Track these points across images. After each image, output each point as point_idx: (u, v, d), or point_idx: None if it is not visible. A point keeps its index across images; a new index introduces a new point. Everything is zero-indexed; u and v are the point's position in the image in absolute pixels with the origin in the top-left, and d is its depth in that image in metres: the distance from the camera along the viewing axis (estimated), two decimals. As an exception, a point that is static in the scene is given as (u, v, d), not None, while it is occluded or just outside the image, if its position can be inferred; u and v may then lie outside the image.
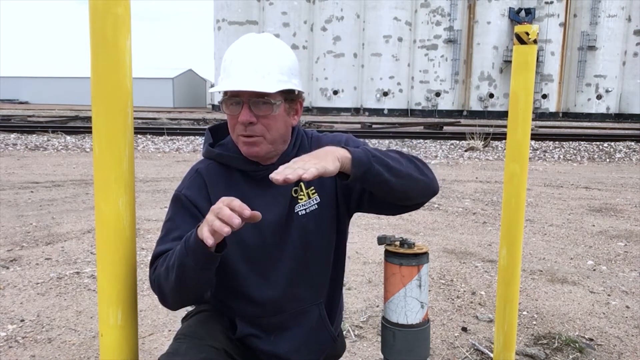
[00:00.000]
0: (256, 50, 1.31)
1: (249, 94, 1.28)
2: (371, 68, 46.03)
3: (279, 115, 1.32)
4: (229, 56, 1.33)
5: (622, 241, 4.71)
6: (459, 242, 4.61)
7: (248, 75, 1.28)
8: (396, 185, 1.23)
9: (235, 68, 1.30)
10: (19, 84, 69.74)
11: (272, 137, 1.34)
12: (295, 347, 1.44)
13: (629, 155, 12.30)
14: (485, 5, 44.54)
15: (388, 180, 1.21)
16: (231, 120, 1.34)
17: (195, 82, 72.59)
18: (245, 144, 1.33)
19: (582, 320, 2.95)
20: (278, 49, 1.33)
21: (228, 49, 1.36)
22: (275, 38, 1.37)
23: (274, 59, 1.31)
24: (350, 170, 1.17)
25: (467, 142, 13.58)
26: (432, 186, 1.32)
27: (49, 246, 4.24)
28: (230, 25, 47.24)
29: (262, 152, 1.35)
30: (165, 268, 1.24)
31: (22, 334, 2.66)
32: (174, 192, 1.41)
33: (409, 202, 1.33)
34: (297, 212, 1.40)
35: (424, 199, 1.35)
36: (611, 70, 44.00)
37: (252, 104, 1.29)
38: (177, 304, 1.33)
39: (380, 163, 1.20)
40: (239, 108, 1.30)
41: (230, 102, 1.31)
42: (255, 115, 1.30)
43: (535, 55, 1.58)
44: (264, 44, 1.32)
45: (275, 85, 1.29)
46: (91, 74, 1.14)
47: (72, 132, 15.11)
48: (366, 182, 1.21)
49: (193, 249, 1.15)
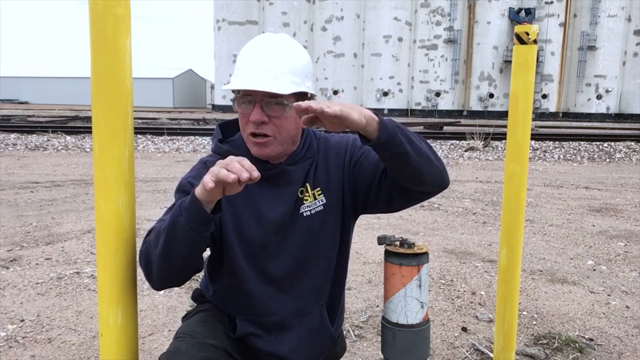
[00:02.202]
0: (271, 50, 1.30)
1: (261, 93, 1.27)
2: (371, 68, 46.03)
3: (291, 116, 1.31)
4: (244, 54, 1.32)
5: (622, 241, 4.71)
6: (459, 242, 4.61)
7: (262, 75, 1.27)
8: (414, 161, 1.21)
9: (249, 67, 1.29)
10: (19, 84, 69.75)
11: (283, 138, 1.33)
12: (295, 347, 1.44)
13: (629, 155, 12.30)
14: (485, 5, 44.54)
15: (408, 154, 1.19)
16: (242, 119, 1.33)
17: (195, 82, 72.61)
18: (256, 144, 1.33)
19: (582, 320, 2.94)
20: (293, 50, 1.33)
21: (244, 47, 1.34)
22: (291, 38, 1.36)
23: (289, 59, 1.30)
24: (377, 133, 1.15)
25: (467, 142, 13.58)
26: (444, 176, 1.30)
27: (49, 246, 4.24)
28: (230, 25, 47.26)
29: (273, 152, 1.34)
30: (156, 234, 1.21)
31: (22, 334, 2.66)
32: (180, 179, 1.40)
33: (420, 186, 1.29)
34: (302, 213, 1.40)
35: (433, 188, 1.31)
36: (611, 70, 43.99)
37: (265, 104, 1.28)
38: (162, 279, 1.25)
39: (404, 135, 1.19)
40: (250, 107, 1.29)
41: (242, 100, 1.30)
42: (267, 115, 1.29)
43: (535, 55, 1.58)
44: (280, 44, 1.31)
45: (289, 86, 1.28)
46: (91, 74, 1.14)
47: (72, 132, 15.11)
48: (387, 151, 1.18)
49: (187, 206, 1.13)
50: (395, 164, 1.23)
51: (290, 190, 1.39)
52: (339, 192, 1.43)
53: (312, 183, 1.42)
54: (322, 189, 1.42)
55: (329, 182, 1.43)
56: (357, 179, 1.41)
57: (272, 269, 1.40)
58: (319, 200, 1.41)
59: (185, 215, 1.13)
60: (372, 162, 1.38)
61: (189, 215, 1.13)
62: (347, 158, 1.44)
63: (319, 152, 1.45)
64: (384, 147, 1.17)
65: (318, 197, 1.42)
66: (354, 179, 1.42)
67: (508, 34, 44.07)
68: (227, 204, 1.37)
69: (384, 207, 1.40)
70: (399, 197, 1.34)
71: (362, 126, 1.13)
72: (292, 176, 1.39)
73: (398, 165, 1.23)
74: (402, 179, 1.27)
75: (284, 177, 1.39)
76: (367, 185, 1.39)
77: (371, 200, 1.40)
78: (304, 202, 1.40)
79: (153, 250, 1.20)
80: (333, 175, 1.43)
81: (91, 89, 1.14)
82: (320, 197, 1.42)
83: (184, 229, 1.14)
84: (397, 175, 1.27)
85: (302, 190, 1.41)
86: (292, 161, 1.39)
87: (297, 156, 1.40)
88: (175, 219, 1.14)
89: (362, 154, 1.42)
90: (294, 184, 1.40)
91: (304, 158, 1.42)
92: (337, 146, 1.46)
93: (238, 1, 46.98)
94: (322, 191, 1.42)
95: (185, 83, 69.47)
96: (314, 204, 1.41)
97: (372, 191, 1.38)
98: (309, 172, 1.42)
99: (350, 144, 1.45)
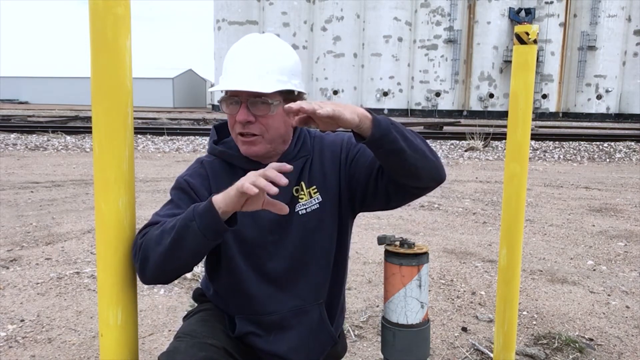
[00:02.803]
0: (256, 50, 1.31)
1: (246, 93, 1.29)
2: (371, 68, 46.03)
3: (277, 115, 1.32)
4: (230, 55, 1.34)
5: (622, 241, 4.71)
6: (459, 242, 4.61)
7: (246, 75, 1.28)
8: (409, 157, 1.21)
9: (234, 67, 1.31)
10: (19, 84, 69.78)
11: (271, 137, 1.34)
12: (294, 346, 1.44)
13: (629, 155, 12.30)
14: (485, 5, 44.54)
15: (403, 150, 1.19)
16: (230, 119, 1.35)
17: (195, 82, 72.63)
18: (244, 143, 1.34)
19: (582, 320, 2.94)
20: (279, 49, 1.34)
21: (230, 48, 1.36)
22: (277, 38, 1.37)
23: (274, 58, 1.31)
24: (370, 131, 1.15)
25: (467, 142, 13.59)
26: (440, 170, 1.29)
27: (49, 246, 4.24)
28: (230, 25, 47.26)
29: (261, 151, 1.35)
30: (160, 232, 1.20)
31: (22, 334, 2.66)
32: (177, 177, 1.41)
33: (417, 181, 1.28)
34: (297, 212, 1.40)
35: (430, 183, 1.31)
36: (611, 70, 44.00)
37: (250, 104, 1.30)
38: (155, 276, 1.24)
39: (398, 131, 1.19)
40: (237, 107, 1.31)
41: (229, 101, 1.32)
42: (253, 115, 1.30)
43: (535, 55, 1.58)
44: (265, 44, 1.33)
45: (274, 85, 1.29)
46: (91, 74, 1.14)
47: (72, 132, 15.12)
48: (381, 148, 1.18)
49: (201, 213, 1.13)
50: (391, 160, 1.23)
51: (284, 189, 1.38)
52: (335, 190, 1.43)
53: (307, 181, 1.42)
54: (318, 187, 1.42)
55: (325, 180, 1.43)
56: (353, 177, 1.42)
57: (270, 268, 1.40)
58: (315, 199, 1.42)
59: (199, 221, 1.13)
60: (368, 160, 1.38)
61: (204, 222, 1.13)
62: (343, 156, 1.44)
63: (313, 150, 1.45)
64: (378, 143, 1.17)
65: (314, 196, 1.42)
66: (350, 176, 1.42)
67: (508, 34, 44.07)
68: None
69: (382, 204, 1.40)
70: (396, 194, 1.34)
71: (356, 124, 1.14)
72: (286, 175, 1.40)
73: (393, 162, 1.23)
74: (399, 176, 1.27)
75: None
76: (364, 183, 1.39)
77: (369, 197, 1.40)
78: (300, 201, 1.41)
79: (153, 248, 1.20)
80: (329, 173, 1.43)
81: (91, 89, 1.15)
82: (316, 196, 1.42)
83: (196, 234, 1.14)
84: (393, 172, 1.27)
85: (297, 188, 1.41)
86: (284, 160, 1.40)
87: (289, 155, 1.41)
88: (188, 222, 1.15)
89: (357, 151, 1.42)
90: (289, 182, 1.40)
91: (297, 157, 1.42)
92: (332, 144, 1.46)
93: (238, 1, 46.99)
94: (317, 189, 1.42)
95: (185, 83, 69.50)
96: (310, 202, 1.41)
97: (369, 188, 1.38)
98: (304, 171, 1.42)
99: (345, 142, 1.45)
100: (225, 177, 1.39)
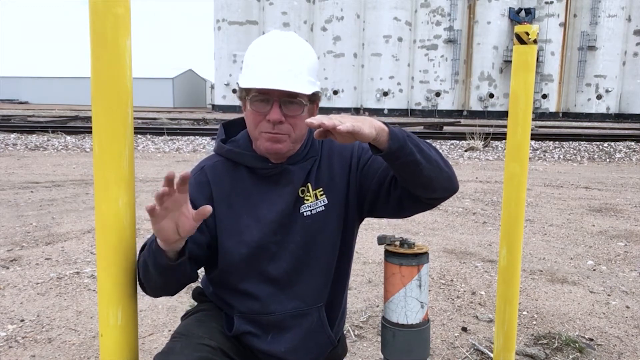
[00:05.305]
0: (287, 48, 1.29)
1: (279, 92, 1.26)
2: (371, 68, 46.06)
3: (305, 116, 1.31)
4: (257, 52, 1.29)
5: (622, 241, 4.71)
6: (459, 242, 4.61)
7: (282, 74, 1.25)
8: (424, 169, 1.21)
9: (265, 65, 1.26)
10: (19, 84, 69.80)
11: (296, 137, 1.33)
12: (292, 347, 1.43)
13: (629, 155, 12.31)
14: (485, 5, 44.57)
15: (419, 162, 1.19)
16: (256, 117, 1.30)
17: (195, 82, 72.66)
18: (270, 139, 1.30)
19: (582, 320, 2.94)
20: (306, 49, 1.32)
21: (252, 44, 1.32)
22: (300, 37, 1.35)
23: (304, 58, 1.30)
24: (387, 143, 1.15)
25: (467, 142, 13.59)
26: (454, 181, 1.30)
27: (49, 246, 4.24)
28: (230, 25, 47.28)
29: (285, 149, 1.33)
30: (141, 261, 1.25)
31: (22, 334, 2.66)
32: None
33: (431, 192, 1.28)
34: (302, 213, 1.39)
35: (444, 194, 1.31)
36: (611, 70, 44.04)
37: (283, 103, 1.27)
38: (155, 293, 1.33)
39: (414, 143, 1.19)
40: (267, 106, 1.28)
41: (257, 98, 1.29)
42: (284, 115, 1.28)
43: (535, 55, 1.58)
44: (294, 43, 1.31)
45: (308, 86, 1.28)
46: (91, 74, 1.14)
47: (72, 132, 15.12)
48: (397, 160, 1.18)
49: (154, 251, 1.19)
50: (406, 172, 1.22)
51: (290, 189, 1.38)
52: (342, 193, 1.42)
53: (314, 183, 1.41)
54: (325, 190, 1.41)
55: (332, 182, 1.42)
56: (364, 183, 1.40)
57: (272, 268, 1.39)
58: (321, 201, 1.40)
59: (152, 260, 1.19)
60: (381, 167, 1.37)
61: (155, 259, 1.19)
62: (354, 161, 1.42)
63: (322, 152, 1.44)
64: (394, 156, 1.17)
65: (320, 198, 1.41)
66: (361, 182, 1.41)
67: (508, 34, 44.09)
68: (226, 205, 1.37)
69: (393, 212, 1.39)
70: (409, 204, 1.33)
71: (373, 137, 1.13)
72: (293, 175, 1.39)
73: (409, 174, 1.23)
74: (413, 187, 1.27)
75: (284, 176, 1.38)
76: (375, 191, 1.38)
77: (379, 204, 1.39)
78: (305, 202, 1.39)
79: (143, 274, 1.25)
80: (337, 176, 1.42)
81: (91, 89, 1.14)
82: (322, 198, 1.41)
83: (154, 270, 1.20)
84: (407, 183, 1.27)
85: (303, 189, 1.40)
86: (293, 160, 1.39)
87: (298, 155, 1.40)
88: (146, 259, 1.21)
89: (369, 158, 1.41)
90: (295, 183, 1.39)
91: (306, 158, 1.41)
92: (342, 148, 1.45)
93: (238, 1, 47.00)
94: (324, 192, 1.41)
95: (185, 83, 69.51)
96: (315, 204, 1.40)
97: (380, 197, 1.37)
98: (311, 172, 1.41)
99: (357, 147, 1.44)
100: (227, 178, 1.39)
